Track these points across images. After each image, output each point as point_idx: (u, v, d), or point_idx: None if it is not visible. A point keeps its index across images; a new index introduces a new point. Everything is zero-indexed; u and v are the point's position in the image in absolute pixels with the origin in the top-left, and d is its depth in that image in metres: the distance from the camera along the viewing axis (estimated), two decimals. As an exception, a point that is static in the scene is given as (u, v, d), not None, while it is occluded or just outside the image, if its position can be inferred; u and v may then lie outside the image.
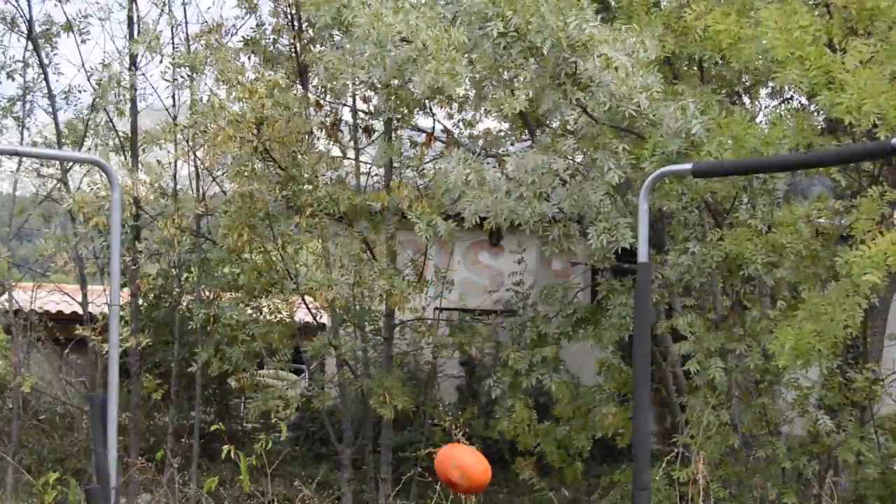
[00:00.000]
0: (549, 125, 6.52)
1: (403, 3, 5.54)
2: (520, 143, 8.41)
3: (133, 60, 9.09)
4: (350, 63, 5.99)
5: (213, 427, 6.81)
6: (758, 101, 8.49)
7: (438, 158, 8.04)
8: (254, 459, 6.00)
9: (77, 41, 9.60)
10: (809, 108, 7.85)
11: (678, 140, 5.54)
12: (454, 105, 8.06)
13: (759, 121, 8.01)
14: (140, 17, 9.26)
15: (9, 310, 9.61)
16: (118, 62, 9.35)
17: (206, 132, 7.25)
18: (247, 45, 8.57)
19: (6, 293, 9.59)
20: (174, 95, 9.14)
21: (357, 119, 8.77)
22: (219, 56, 7.49)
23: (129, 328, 8.95)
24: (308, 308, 8.36)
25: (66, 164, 9.62)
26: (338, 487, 9.06)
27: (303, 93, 8.21)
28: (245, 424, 11.83)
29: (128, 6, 9.23)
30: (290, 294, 8.09)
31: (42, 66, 9.64)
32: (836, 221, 6.43)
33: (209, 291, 9.19)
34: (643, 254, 4.05)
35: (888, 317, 7.04)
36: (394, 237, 8.16)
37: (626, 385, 7.56)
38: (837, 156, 5.06)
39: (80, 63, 9.70)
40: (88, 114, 9.73)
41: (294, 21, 8.35)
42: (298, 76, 8.47)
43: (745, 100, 8.01)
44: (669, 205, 6.27)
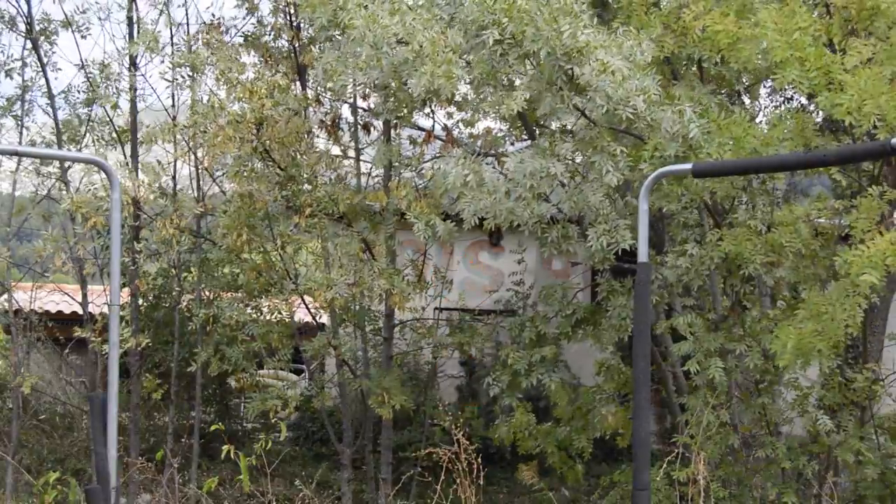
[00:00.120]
0: (548, 127, 6.51)
1: (400, 5, 5.52)
2: (520, 143, 8.40)
3: (133, 61, 9.10)
4: (348, 64, 5.97)
5: (213, 427, 6.80)
6: (758, 101, 8.50)
7: (438, 158, 8.03)
8: (254, 459, 5.99)
9: (76, 39, 9.61)
10: (809, 108, 7.86)
11: (675, 144, 5.54)
12: (453, 105, 8.04)
13: (759, 121, 8.02)
14: (140, 18, 9.28)
15: (9, 310, 9.61)
16: (118, 62, 9.38)
17: (206, 132, 7.24)
18: (247, 42, 8.58)
19: (6, 293, 9.58)
20: (174, 95, 9.16)
21: (357, 117, 8.78)
22: (219, 56, 7.48)
23: (130, 328, 8.94)
24: (307, 308, 8.36)
25: (66, 164, 9.61)
26: (338, 487, 9.07)
27: (302, 93, 8.21)
28: (245, 424, 11.84)
29: (127, 6, 9.24)
30: (290, 294, 8.09)
31: (41, 65, 9.63)
32: (836, 221, 6.43)
33: (209, 291, 9.20)
34: (643, 254, 4.04)
35: (888, 317, 7.05)
36: (393, 237, 8.14)
37: (626, 385, 7.55)
38: (837, 156, 5.05)
39: (80, 62, 9.62)
40: (84, 108, 9.71)
41: (292, 20, 8.35)
42: (297, 76, 8.47)
43: (745, 99, 8.01)
44: (669, 206, 6.27)
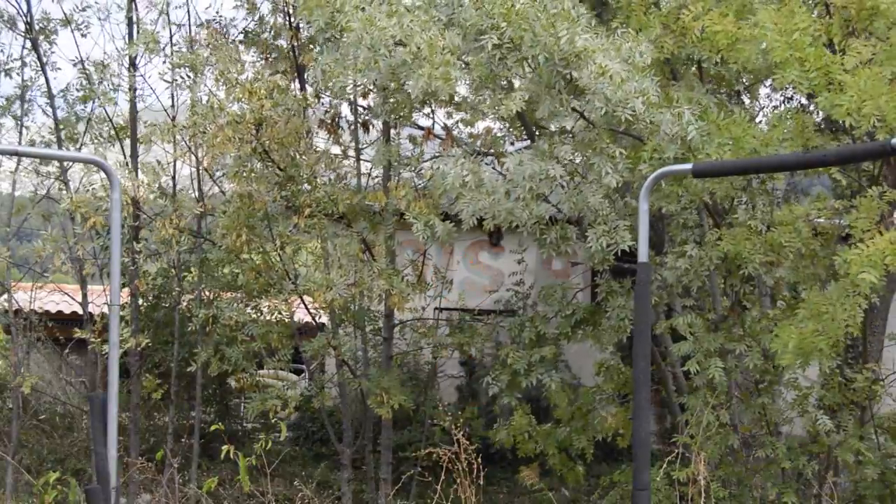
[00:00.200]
0: (547, 127, 6.50)
1: (398, 7, 5.51)
2: (520, 143, 8.39)
3: (132, 62, 9.10)
4: (346, 65, 5.96)
5: (213, 427, 6.79)
6: (757, 101, 8.50)
7: (437, 157, 8.02)
8: (253, 459, 5.99)
9: (76, 39, 9.64)
10: (809, 108, 7.86)
11: (674, 146, 5.54)
12: (452, 105, 8.04)
13: (759, 121, 8.02)
14: (139, 19, 9.28)
15: (9, 310, 9.61)
16: (117, 62, 9.39)
17: (206, 133, 7.24)
18: (248, 39, 8.58)
19: (6, 293, 9.58)
20: (173, 96, 9.16)
21: (357, 115, 8.77)
22: (218, 56, 7.48)
23: (129, 328, 8.95)
24: (307, 308, 8.35)
25: (66, 164, 9.61)
26: (338, 487, 9.07)
27: (301, 93, 8.20)
28: (245, 424, 11.84)
29: (127, 7, 9.24)
30: (289, 294, 8.08)
31: (41, 65, 9.63)
32: (836, 221, 6.42)
33: (209, 291, 9.20)
34: (643, 254, 4.04)
35: (888, 317, 7.04)
36: (393, 237, 8.14)
37: (626, 385, 7.55)
38: (837, 156, 5.05)
39: (79, 58, 9.60)
40: (81, 105, 9.72)
41: (291, 20, 8.35)
42: (297, 76, 8.47)
43: (745, 99, 8.01)
44: (668, 206, 6.27)
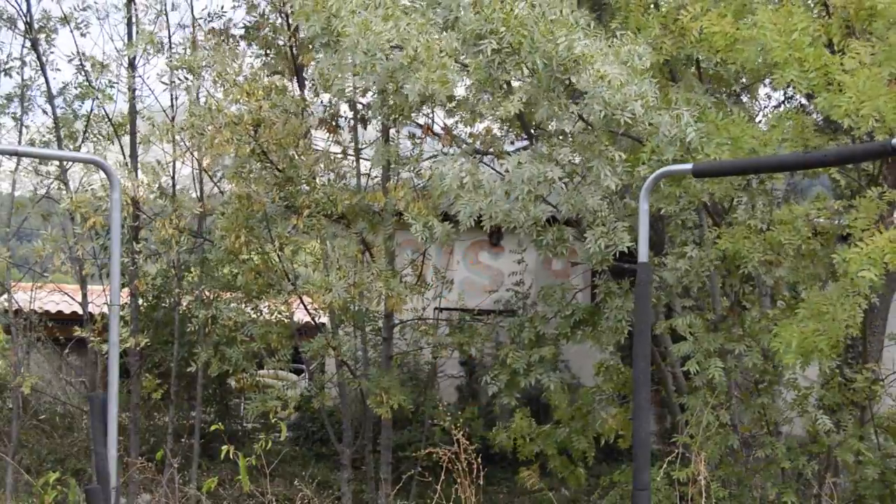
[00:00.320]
0: (546, 129, 6.51)
1: (394, 11, 5.50)
2: (519, 142, 8.39)
3: (131, 62, 9.10)
4: (344, 68, 5.95)
5: (213, 427, 6.80)
6: (757, 101, 8.49)
7: (437, 156, 8.02)
8: (253, 459, 5.99)
9: (75, 38, 9.67)
10: (809, 108, 7.85)
11: (673, 148, 5.54)
12: (452, 104, 8.03)
13: (759, 121, 8.01)
14: (138, 19, 9.28)
15: (9, 310, 9.61)
16: (116, 62, 9.40)
17: (204, 135, 7.24)
18: (248, 34, 8.57)
19: (6, 293, 9.58)
20: (172, 96, 9.17)
21: (356, 114, 8.76)
22: (217, 57, 7.48)
23: (129, 328, 8.95)
24: (306, 308, 8.36)
25: (66, 163, 9.61)
26: (338, 487, 9.07)
27: (300, 94, 8.20)
28: (245, 424, 11.84)
29: (126, 7, 9.25)
30: (289, 295, 8.08)
31: (41, 65, 9.63)
32: (836, 221, 6.42)
33: (209, 292, 9.20)
34: (643, 254, 4.04)
35: (888, 317, 7.04)
36: (392, 237, 8.14)
37: (626, 386, 7.55)
38: (837, 156, 5.05)
39: (77, 54, 9.59)
40: (79, 102, 9.72)
41: (289, 21, 8.35)
42: (295, 76, 8.47)
43: (745, 99, 8.01)
44: (668, 207, 6.27)
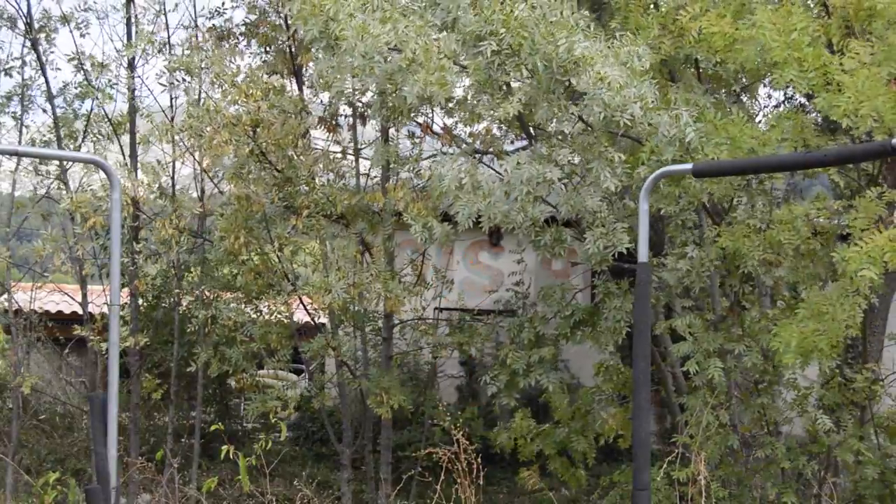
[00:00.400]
0: (545, 129, 6.51)
1: (392, 13, 5.50)
2: (519, 142, 8.38)
3: (131, 63, 9.10)
4: (343, 70, 5.95)
5: (213, 427, 6.80)
6: (757, 101, 8.49)
7: (436, 154, 8.02)
8: (253, 459, 5.99)
9: (74, 38, 9.68)
10: (808, 108, 7.85)
11: (672, 148, 5.54)
12: (451, 104, 8.03)
13: (759, 121, 8.01)
14: (137, 20, 9.29)
15: (9, 310, 9.61)
16: (115, 62, 9.40)
17: (202, 136, 7.25)
18: (248, 30, 8.57)
19: (6, 293, 9.59)
20: (171, 96, 9.17)
21: (356, 113, 8.75)
22: (214, 59, 7.48)
23: (128, 328, 8.95)
24: (306, 309, 8.36)
25: (66, 163, 9.61)
26: (338, 487, 9.07)
27: (298, 94, 8.19)
28: (245, 424, 11.84)
29: (125, 7, 9.25)
30: (289, 295, 8.09)
31: (41, 64, 9.63)
32: (835, 221, 6.42)
33: (209, 292, 9.20)
34: (643, 254, 4.04)
35: (888, 317, 7.04)
36: (391, 238, 8.14)
37: (626, 386, 7.55)
38: (837, 156, 5.04)
39: (76, 54, 9.59)
40: (79, 101, 9.72)
41: (288, 21, 8.35)
42: (294, 76, 8.47)
43: (744, 99, 8.00)
44: (667, 207, 6.27)
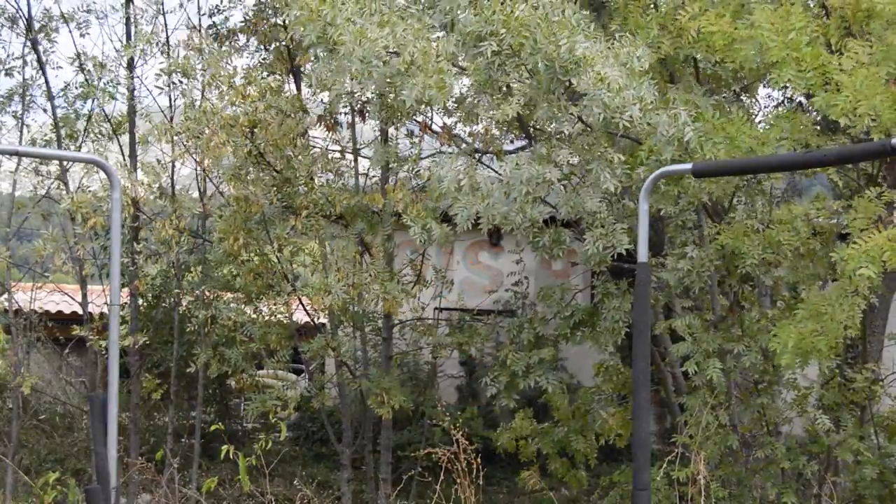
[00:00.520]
0: (545, 130, 6.52)
1: (390, 17, 5.49)
2: (519, 141, 8.38)
3: (130, 63, 9.10)
4: (341, 72, 5.95)
5: (213, 427, 6.81)
6: (756, 100, 8.49)
7: (436, 154, 8.02)
8: (253, 459, 6.00)
9: (74, 39, 9.67)
10: (808, 107, 7.85)
11: (671, 148, 5.54)
12: (450, 105, 8.03)
13: (759, 120, 8.01)
14: (136, 20, 9.29)
15: (9, 310, 9.61)
16: (115, 62, 9.40)
17: (200, 138, 7.25)
18: (247, 27, 8.57)
19: (6, 293, 9.59)
20: (170, 97, 9.17)
21: (354, 112, 8.74)
22: (211, 60, 7.48)
23: (128, 328, 8.95)
24: (305, 309, 8.36)
25: (66, 163, 9.61)
26: (338, 487, 9.08)
27: (296, 94, 8.19)
28: (245, 424, 11.85)
29: (124, 8, 9.25)
30: (289, 296, 8.09)
31: (41, 64, 9.62)
32: (834, 221, 6.43)
33: (209, 292, 9.21)
34: (642, 254, 4.04)
35: (888, 317, 7.05)
36: (391, 238, 8.14)
37: (625, 386, 7.55)
38: (837, 156, 5.04)
39: (76, 55, 9.59)
40: (80, 101, 9.72)
41: (287, 21, 8.35)
42: (293, 77, 8.47)
43: (744, 98, 8.00)
44: (667, 208, 6.27)
